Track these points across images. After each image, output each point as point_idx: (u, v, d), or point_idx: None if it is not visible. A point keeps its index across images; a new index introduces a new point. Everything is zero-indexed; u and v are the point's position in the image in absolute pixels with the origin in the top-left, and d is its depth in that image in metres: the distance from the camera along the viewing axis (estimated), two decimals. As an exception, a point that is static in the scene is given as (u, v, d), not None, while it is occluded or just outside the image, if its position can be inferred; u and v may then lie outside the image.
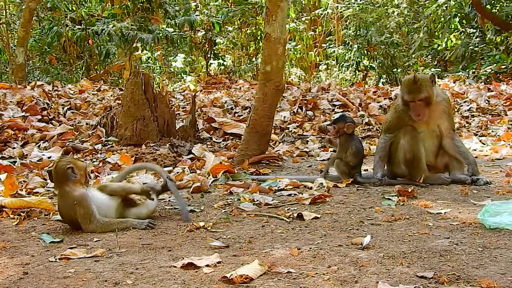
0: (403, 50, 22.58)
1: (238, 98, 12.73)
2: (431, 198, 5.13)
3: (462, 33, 20.56)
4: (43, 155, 7.88)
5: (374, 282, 3.07)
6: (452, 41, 20.67)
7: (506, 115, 10.85)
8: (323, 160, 7.66)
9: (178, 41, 20.56)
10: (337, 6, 24.05)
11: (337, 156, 6.07)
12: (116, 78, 21.29)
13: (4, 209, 5.08)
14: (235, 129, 9.42)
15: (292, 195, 5.50)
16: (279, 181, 5.95)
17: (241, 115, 10.92)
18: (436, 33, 21.25)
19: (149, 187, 4.90)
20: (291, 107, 11.51)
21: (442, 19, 20.09)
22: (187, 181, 6.07)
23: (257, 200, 5.22)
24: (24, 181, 6.24)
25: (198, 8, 22.68)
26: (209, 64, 22.76)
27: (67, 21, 19.37)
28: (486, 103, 11.92)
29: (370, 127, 10.20)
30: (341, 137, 6.01)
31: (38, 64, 21.31)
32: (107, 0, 21.80)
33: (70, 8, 19.97)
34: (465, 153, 5.92)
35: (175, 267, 3.43)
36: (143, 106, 8.47)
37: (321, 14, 24.88)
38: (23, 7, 17.90)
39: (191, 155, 7.64)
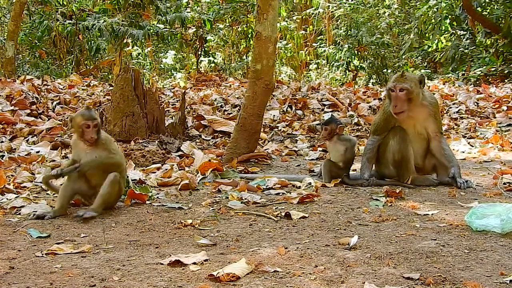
0: (393, 51, 22.60)
1: (228, 96, 12.73)
2: (418, 200, 5.15)
3: (453, 35, 20.59)
4: (31, 149, 7.85)
5: (360, 283, 3.08)
6: (442, 42, 20.69)
7: (495, 117, 10.88)
8: (312, 159, 7.67)
9: (169, 37, 20.56)
10: (329, 6, 24.07)
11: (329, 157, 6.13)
12: (106, 73, 21.23)
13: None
14: (224, 127, 9.42)
15: (280, 194, 5.50)
16: (268, 180, 5.96)
17: (231, 113, 10.92)
18: (427, 35, 21.29)
19: None
20: (281, 106, 11.52)
21: (433, 20, 20.14)
22: (175, 178, 6.06)
23: (245, 199, 5.22)
24: (11, 175, 6.21)
25: (189, 5, 22.64)
26: (199, 61, 22.72)
27: (58, 16, 19.32)
28: (475, 105, 11.95)
29: (359, 127, 10.21)
30: (332, 138, 6.02)
31: (27, 58, 21.18)
32: (98, -5, 21.79)
33: (61, 3, 19.90)
34: (449, 156, 5.92)
35: (162, 264, 3.43)
36: (132, 102, 8.45)
37: (312, 13, 24.89)
38: (14, 0, 17.81)
39: (180, 152, 7.63)
